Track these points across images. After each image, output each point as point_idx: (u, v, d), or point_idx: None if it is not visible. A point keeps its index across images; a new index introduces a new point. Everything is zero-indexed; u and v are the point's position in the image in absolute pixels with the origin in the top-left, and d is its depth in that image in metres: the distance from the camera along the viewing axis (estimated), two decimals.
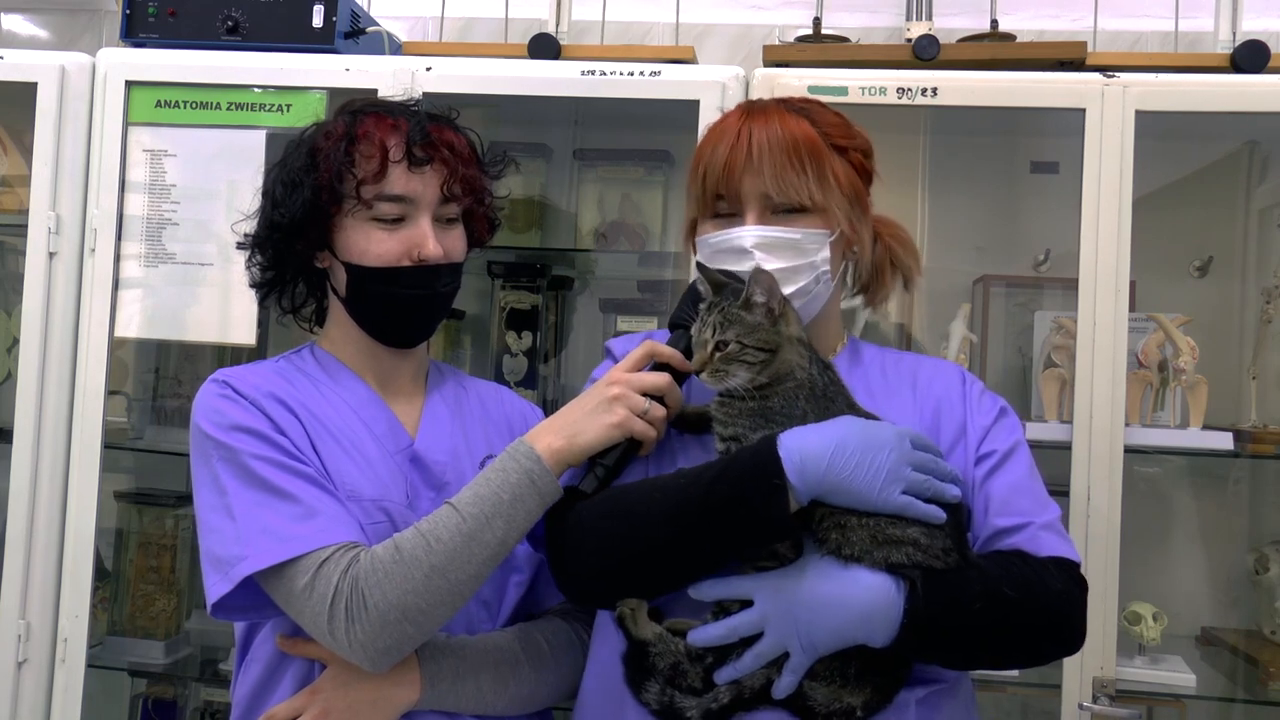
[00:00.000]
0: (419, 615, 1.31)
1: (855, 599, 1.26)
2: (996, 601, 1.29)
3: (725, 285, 1.40)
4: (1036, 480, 1.46)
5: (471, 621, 1.50)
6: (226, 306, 2.31)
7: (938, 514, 1.28)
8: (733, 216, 1.46)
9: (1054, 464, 2.01)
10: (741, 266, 1.42)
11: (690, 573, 1.33)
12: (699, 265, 1.44)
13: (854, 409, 1.37)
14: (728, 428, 1.35)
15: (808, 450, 1.26)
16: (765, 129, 1.44)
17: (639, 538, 1.32)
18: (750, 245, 1.42)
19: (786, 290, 1.41)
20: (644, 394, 1.40)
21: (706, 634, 1.31)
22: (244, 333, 2.30)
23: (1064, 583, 1.35)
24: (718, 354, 1.34)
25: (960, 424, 1.46)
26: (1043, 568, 1.35)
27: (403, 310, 1.54)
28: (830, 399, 1.36)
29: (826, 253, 1.45)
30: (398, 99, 1.60)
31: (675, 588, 1.34)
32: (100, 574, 2.41)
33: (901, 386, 1.51)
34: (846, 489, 1.26)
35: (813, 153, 1.43)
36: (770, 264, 1.41)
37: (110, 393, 2.34)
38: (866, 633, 1.26)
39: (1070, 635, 1.36)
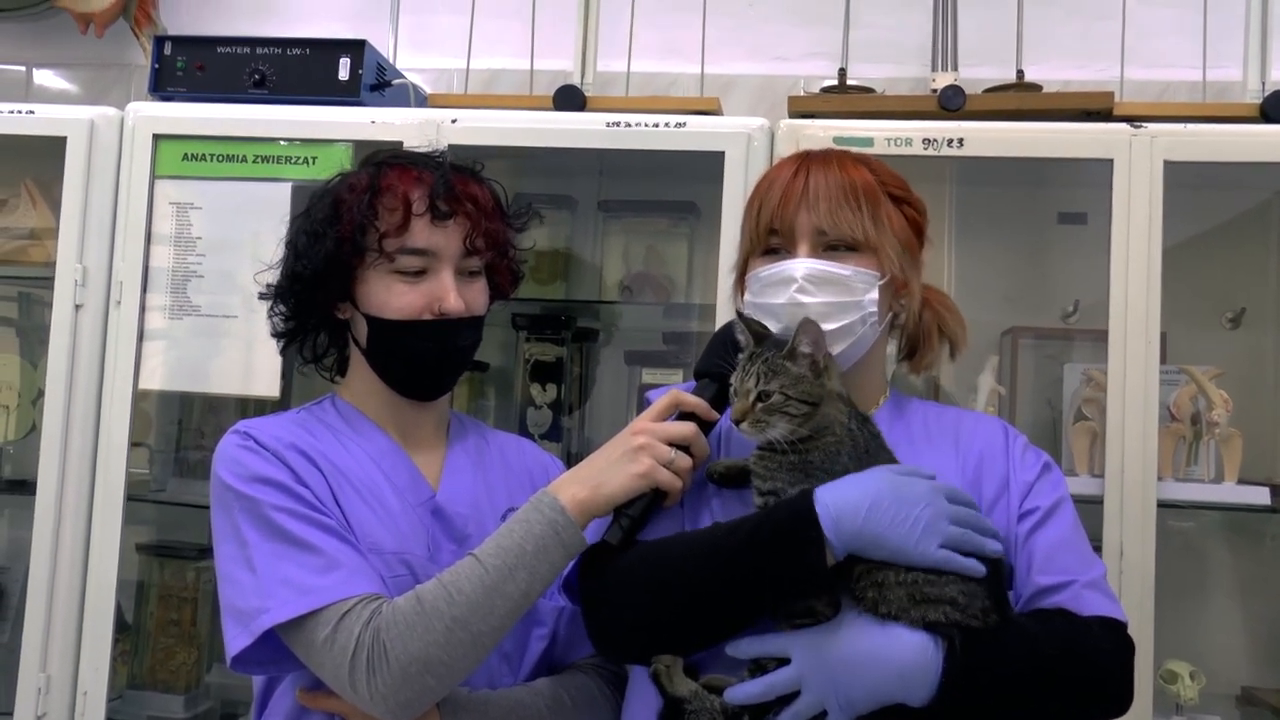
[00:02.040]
0: (440, 667, 1.31)
1: (893, 657, 1.25)
2: (1037, 661, 1.28)
3: (767, 336, 1.41)
4: (1081, 537, 1.45)
5: (493, 675, 1.50)
6: (250, 358, 2.33)
7: (977, 568, 1.28)
8: (783, 253, 1.47)
9: (1085, 519, 1.97)
10: (786, 299, 1.43)
11: (726, 627, 1.32)
12: (739, 314, 1.44)
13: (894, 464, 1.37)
14: (766, 481, 1.35)
15: (843, 504, 1.26)
16: (824, 170, 1.47)
17: (674, 591, 1.32)
18: (800, 276, 1.43)
19: (831, 326, 1.42)
20: (669, 444, 1.40)
21: (743, 692, 1.30)
22: (267, 385, 2.32)
23: (1108, 642, 1.34)
24: (759, 404, 1.34)
25: (1003, 479, 1.46)
26: (1086, 627, 1.34)
27: (423, 363, 1.55)
28: (872, 455, 1.36)
29: (875, 294, 1.45)
30: (423, 151, 1.62)
31: (711, 643, 1.34)
32: (121, 627, 2.41)
33: (944, 440, 1.51)
34: (883, 543, 1.26)
35: (869, 195, 1.46)
36: (816, 298, 1.42)
37: (133, 444, 2.35)
38: (904, 691, 1.25)
39: (1116, 697, 1.34)
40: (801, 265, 1.44)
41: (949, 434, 1.52)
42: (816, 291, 1.43)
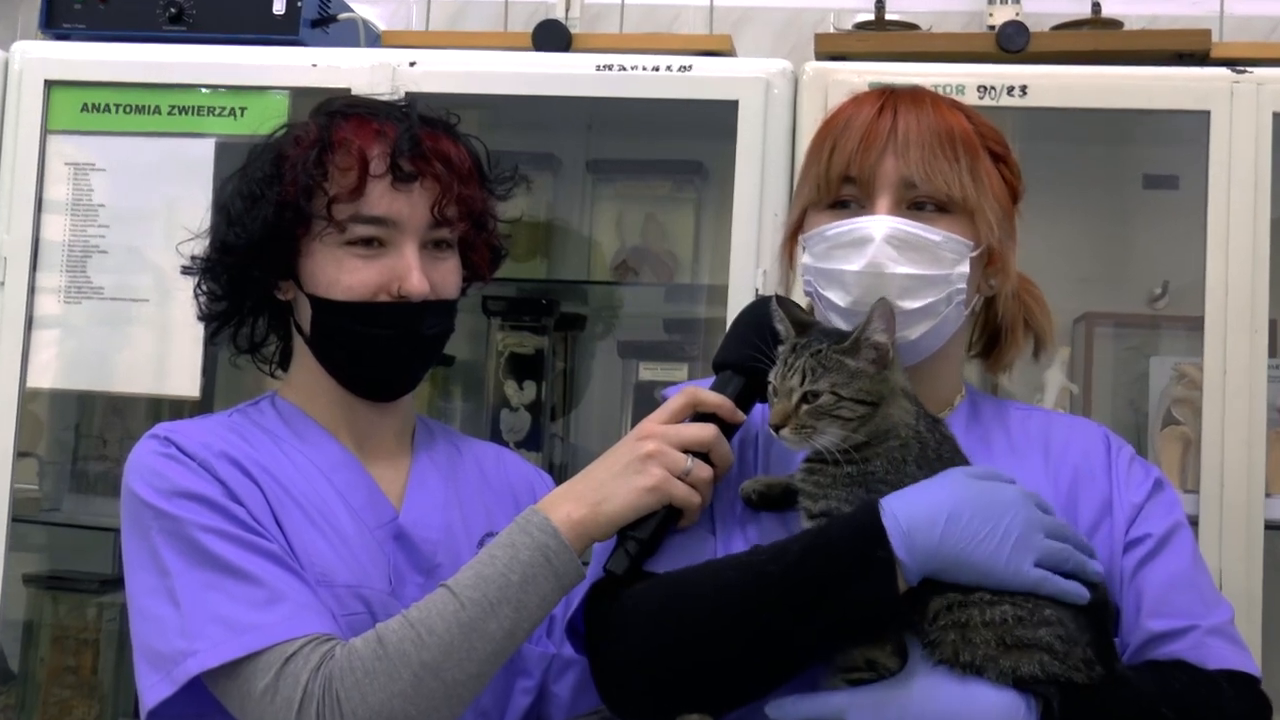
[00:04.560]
0: None
1: None
2: None
3: (811, 325, 1.39)
4: (1202, 571, 1.44)
5: None
6: (165, 351, 2.33)
7: (1080, 592, 1.26)
8: (856, 207, 1.45)
9: None
10: (862, 265, 1.40)
11: (765, 679, 1.30)
12: (777, 298, 1.42)
13: None
14: (818, 502, 1.33)
15: (916, 516, 1.25)
16: (915, 111, 1.45)
17: (703, 630, 1.30)
18: (880, 236, 1.40)
19: (913, 305, 1.41)
20: (685, 450, 1.39)
21: None
22: (186, 383, 2.32)
23: (1240, 703, 1.33)
24: (804, 407, 1.32)
25: (1104, 500, 1.45)
26: (1212, 684, 1.32)
27: (378, 355, 1.54)
28: (946, 461, 1.34)
29: (965, 267, 1.44)
30: (384, 99, 1.61)
31: (747, 700, 1.31)
32: (4, 676, 2.41)
33: (1032, 450, 1.50)
34: (966, 562, 1.24)
35: (968, 146, 1.44)
36: (900, 267, 1.40)
37: (19, 455, 2.35)
38: None
39: None
40: (883, 223, 1.41)
41: (1038, 443, 1.51)
42: (900, 258, 1.41)
